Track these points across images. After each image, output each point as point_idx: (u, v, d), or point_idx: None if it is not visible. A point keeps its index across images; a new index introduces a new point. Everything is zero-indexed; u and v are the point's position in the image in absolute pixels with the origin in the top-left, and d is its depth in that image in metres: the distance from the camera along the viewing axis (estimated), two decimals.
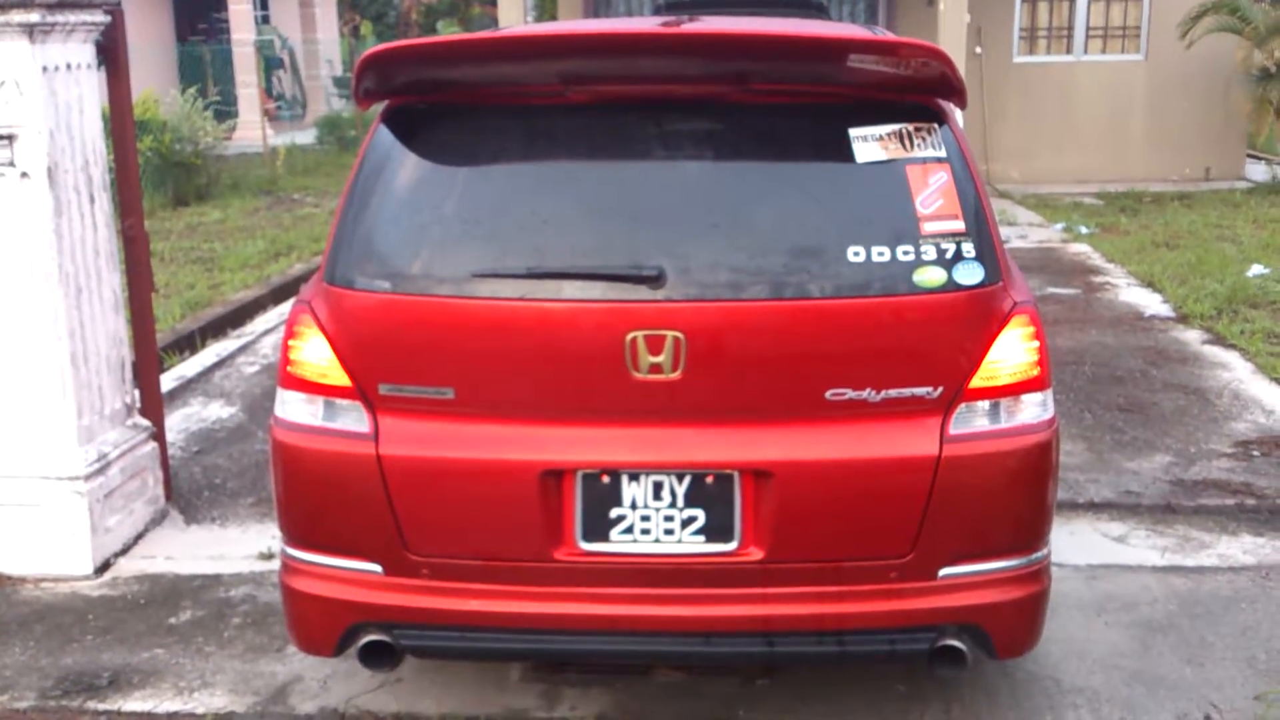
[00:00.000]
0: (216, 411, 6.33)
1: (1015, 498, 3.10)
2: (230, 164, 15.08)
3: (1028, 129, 13.75)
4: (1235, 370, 6.58)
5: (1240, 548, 4.44)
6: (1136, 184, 13.41)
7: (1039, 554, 3.17)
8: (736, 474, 3.00)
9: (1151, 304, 8.13)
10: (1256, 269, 8.75)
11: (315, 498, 3.17)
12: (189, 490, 5.24)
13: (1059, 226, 11.13)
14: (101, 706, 3.60)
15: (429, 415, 3.05)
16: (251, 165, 15.99)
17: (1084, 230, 10.88)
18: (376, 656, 3.21)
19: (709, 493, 3.01)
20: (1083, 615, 3.93)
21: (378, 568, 3.14)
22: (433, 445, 3.05)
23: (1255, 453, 5.35)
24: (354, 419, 3.08)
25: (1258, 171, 14.25)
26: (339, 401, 3.09)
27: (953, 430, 3.01)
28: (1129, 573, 4.25)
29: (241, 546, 4.68)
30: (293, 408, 3.16)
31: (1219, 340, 7.14)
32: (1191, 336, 7.29)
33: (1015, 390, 3.06)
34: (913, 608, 3.08)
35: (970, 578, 3.09)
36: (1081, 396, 6.11)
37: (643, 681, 3.62)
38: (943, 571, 3.07)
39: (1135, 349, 7.03)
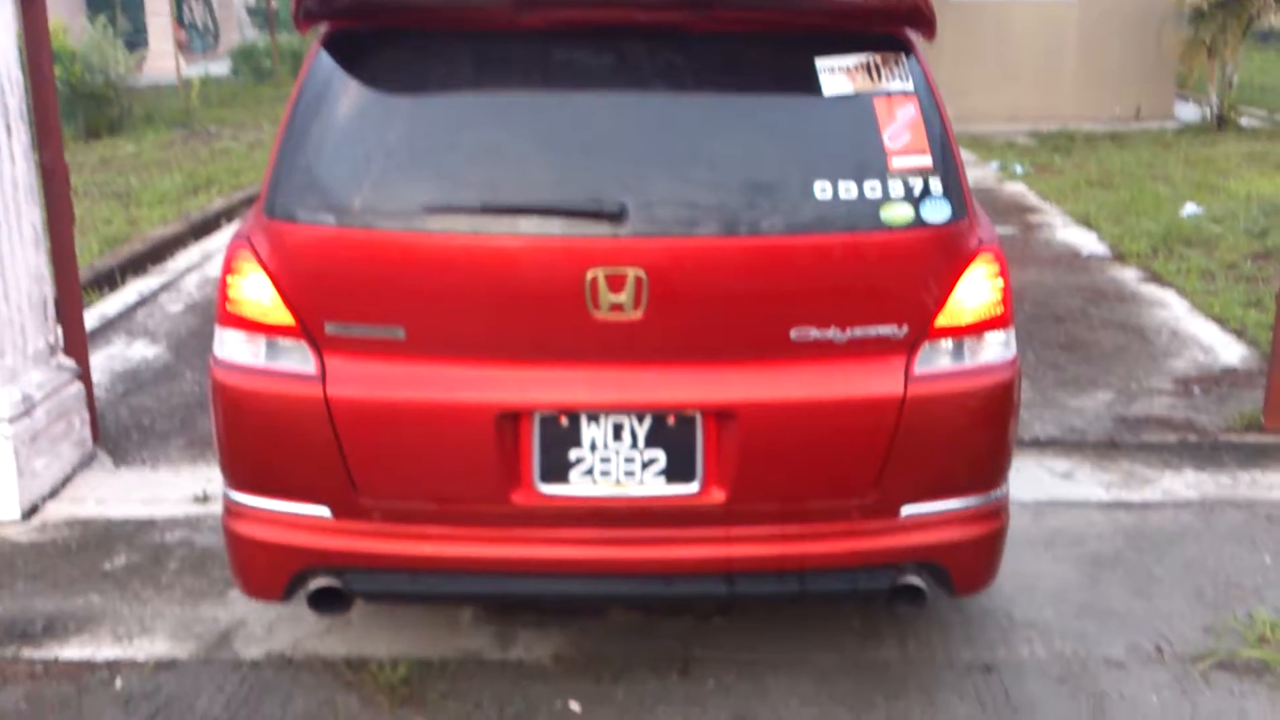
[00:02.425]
0: (142, 351, 6.13)
1: (977, 437, 3.08)
2: (142, 96, 14.61)
3: (962, 68, 13.73)
4: (1172, 308, 6.66)
5: (1183, 483, 4.49)
6: (1069, 122, 13.51)
7: (998, 492, 3.16)
8: (699, 415, 2.94)
9: (1088, 243, 8.20)
10: (1190, 208, 8.86)
11: (258, 441, 3.05)
12: (117, 432, 5.07)
13: (994, 165, 11.17)
14: (37, 655, 3.47)
15: (378, 355, 2.94)
16: (164, 97, 15.51)
17: (1019, 169, 10.93)
18: (326, 601, 3.12)
19: (670, 434, 2.95)
20: (1032, 551, 3.95)
21: (326, 511, 3.04)
22: (383, 387, 2.94)
23: (1195, 390, 5.41)
24: (298, 359, 2.96)
25: (1186, 111, 14.42)
26: (282, 341, 2.97)
27: (917, 370, 2.97)
28: (1076, 509, 4.28)
29: (174, 489, 4.54)
30: (233, 347, 3.03)
31: (1156, 279, 7.22)
32: (1129, 275, 7.36)
33: (979, 329, 3.03)
34: (874, 546, 3.06)
35: (931, 516, 3.07)
36: (1023, 335, 6.13)
37: (597, 622, 3.57)
38: (904, 510, 3.05)
39: (1074, 288, 7.08)
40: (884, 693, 3.23)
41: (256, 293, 2.96)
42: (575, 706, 3.19)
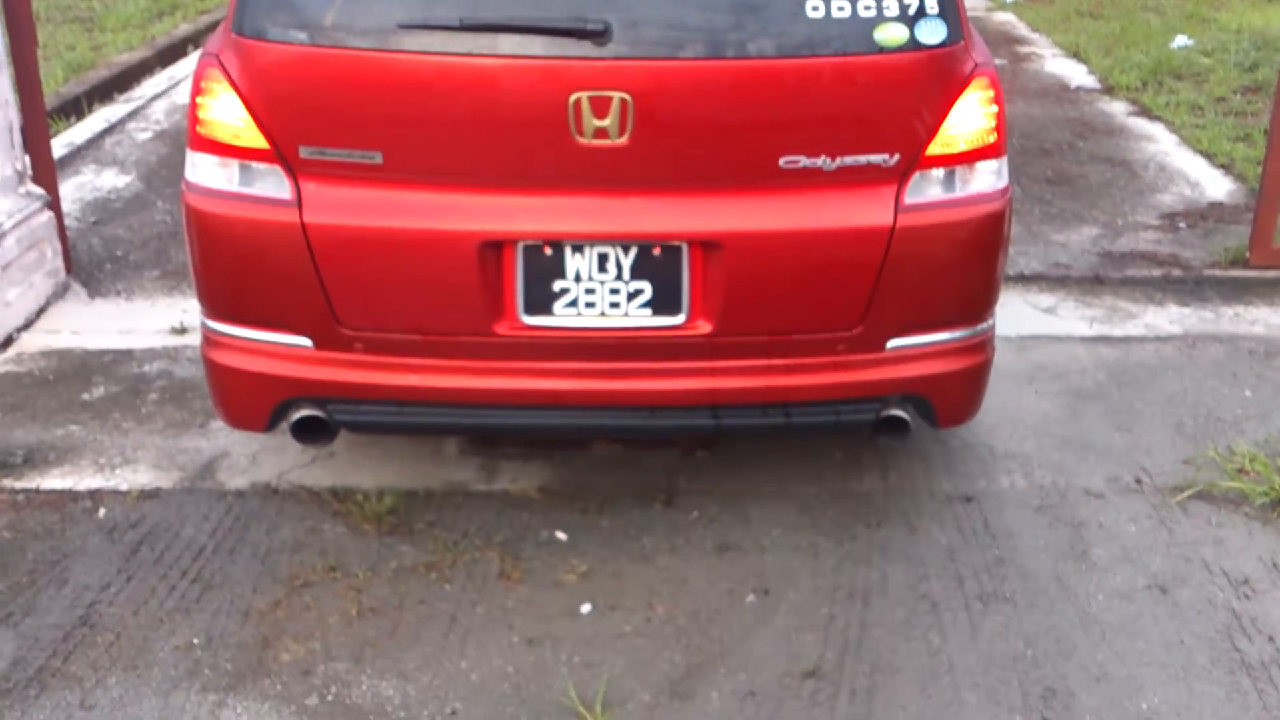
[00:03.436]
0: (111, 180, 5.99)
1: (967, 269, 3.04)
2: None
3: None
4: (1161, 142, 6.57)
5: (1167, 318, 4.49)
6: None
7: (984, 325, 3.14)
8: (685, 245, 2.88)
9: (1077, 75, 8.04)
10: (1180, 40, 8.67)
11: (234, 268, 2.99)
12: (90, 263, 4.98)
13: None
14: (18, 485, 3.46)
15: (356, 181, 2.86)
16: None
17: None
18: (310, 432, 3.11)
19: (656, 264, 2.90)
20: (1014, 385, 3.96)
21: (307, 341, 3.00)
22: (361, 214, 2.87)
23: (1181, 224, 5.38)
24: (273, 184, 2.87)
25: None
26: (256, 165, 2.88)
27: (907, 200, 2.91)
28: (1058, 343, 4.28)
29: (151, 320, 4.48)
30: (205, 171, 2.93)
31: (1144, 112, 7.10)
32: (1117, 108, 7.24)
33: (971, 158, 2.96)
34: (860, 379, 3.04)
35: (917, 349, 3.05)
36: (1010, 169, 5.99)
37: (582, 454, 3.58)
38: (890, 343, 3.03)
39: (1062, 121, 6.97)
40: (866, 522, 3.27)
41: (228, 114, 2.85)
42: (561, 536, 3.22)
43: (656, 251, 2.89)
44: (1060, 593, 2.99)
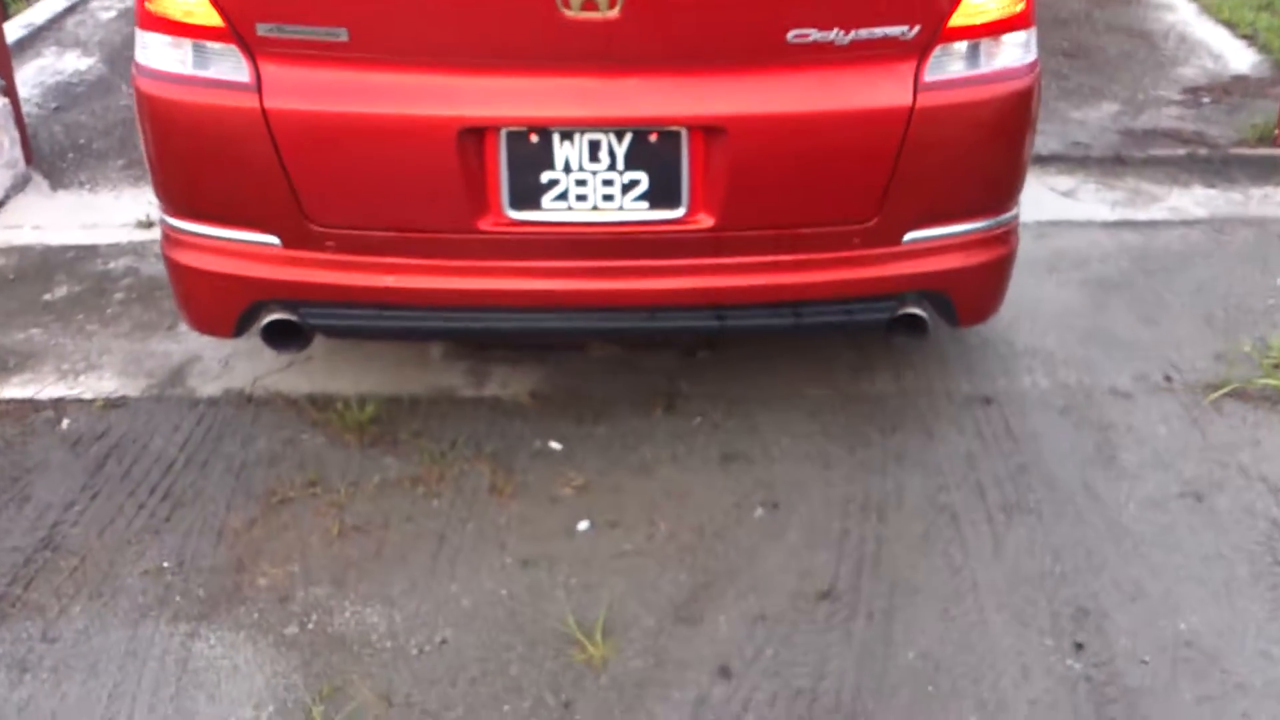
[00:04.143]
0: (74, 63, 5.64)
1: (992, 152, 2.79)
2: None
3: None
4: (1180, 11, 6.21)
5: (1192, 200, 4.23)
6: None
7: (1009, 214, 2.90)
8: (684, 130, 2.62)
9: None
10: None
11: (191, 160, 2.73)
12: (52, 152, 4.68)
13: None
14: None
15: (320, 62, 2.58)
16: None
17: None
18: (282, 336, 2.89)
19: (653, 152, 2.64)
20: (1033, 275, 3.73)
21: (275, 240, 2.76)
22: (327, 98, 2.60)
23: (1205, 99, 5.08)
24: (230, 66, 2.60)
25: None
26: (210, 45, 2.60)
27: (928, 77, 2.64)
28: (1079, 229, 4.03)
29: (116, 214, 4.22)
30: (156, 52, 2.66)
31: None
32: None
33: (997, 29, 2.68)
34: (875, 275, 2.81)
35: (937, 241, 2.82)
36: None
37: (576, 356, 3.36)
38: (908, 236, 2.79)
39: None
40: (879, 427, 3.07)
41: None
42: (556, 446, 3.02)
43: (653, 138, 2.63)
44: (1088, 502, 2.80)
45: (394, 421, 3.11)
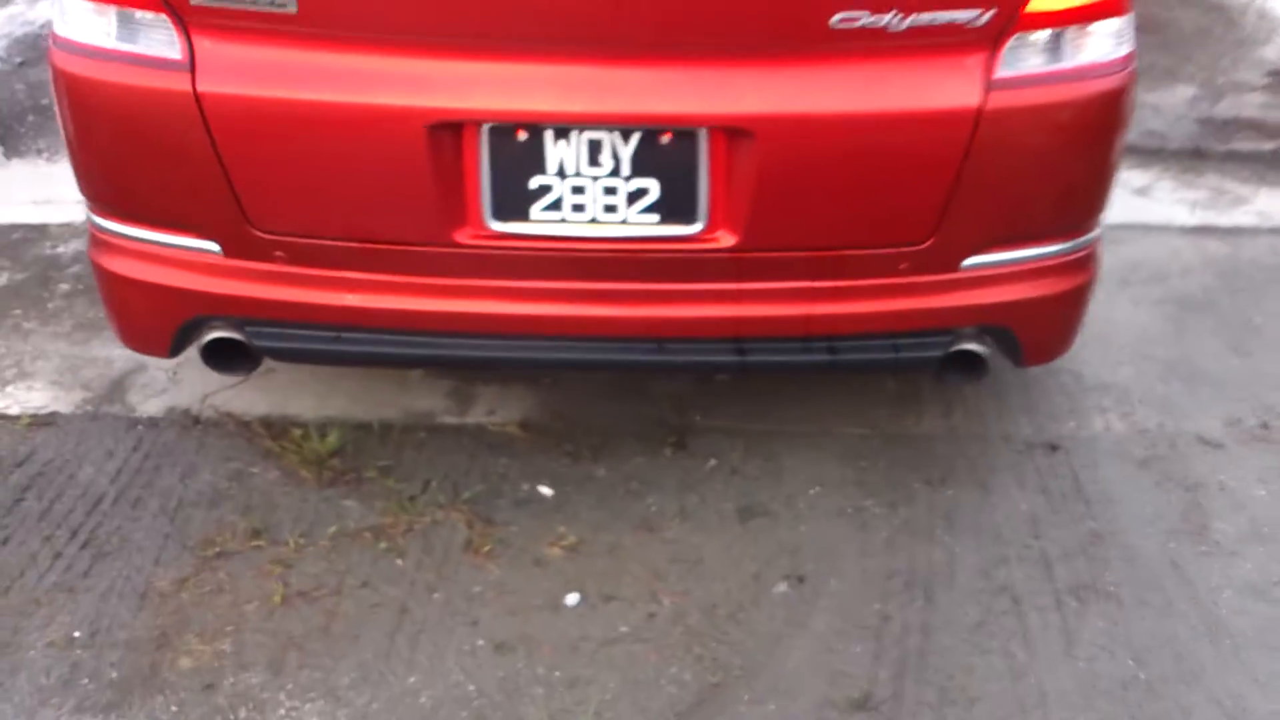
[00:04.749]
0: (47, 11, 5.18)
1: (1074, 164, 2.31)
2: None
3: None
4: None
5: None
6: None
7: (1088, 237, 2.43)
8: (704, 131, 2.16)
9: None
10: None
11: (116, 150, 2.29)
12: (9, 114, 4.25)
13: None
14: None
15: (265, 37, 2.13)
16: None
17: None
18: (226, 357, 2.45)
19: (666, 156, 2.18)
20: (1105, 290, 3.19)
21: (214, 247, 2.33)
22: (271, 82, 2.15)
23: None
24: (161, 41, 2.15)
25: None
26: (138, 14, 2.15)
27: (1000, 72, 2.17)
28: (1156, 234, 3.54)
29: (74, 188, 3.76)
30: (75, 21, 2.22)
31: None
32: None
33: (1086, 16, 2.20)
34: (926, 307, 2.36)
35: (1002, 268, 2.36)
36: None
37: (577, 378, 2.91)
38: (967, 261, 2.33)
39: None
40: (925, 477, 2.62)
41: None
42: (546, 491, 2.58)
43: (666, 139, 2.17)
44: (1177, 585, 2.35)
45: (360, 454, 2.68)
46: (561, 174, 2.20)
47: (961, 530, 2.48)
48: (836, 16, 2.09)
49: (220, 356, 2.45)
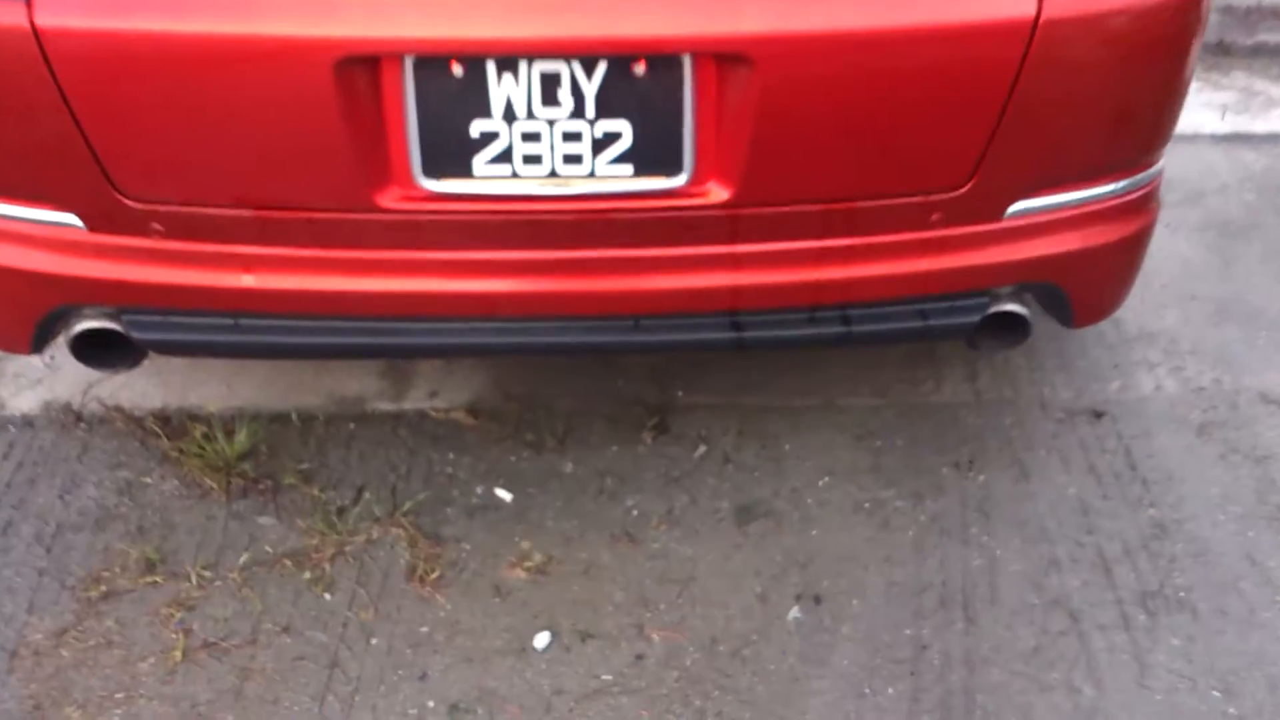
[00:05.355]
0: None
1: (1144, 84, 1.87)
2: None
3: None
4: None
5: None
6: None
7: (1152, 170, 2.00)
8: (688, 58, 1.69)
9: None
10: None
11: None
12: None
13: None
14: None
15: None
16: None
17: None
18: (102, 352, 1.99)
19: (641, 92, 1.72)
20: None
21: (75, 220, 1.85)
22: (132, 9, 1.66)
23: None
24: None
25: None
26: None
27: None
28: (1185, 145, 3.11)
29: None
30: None
31: None
32: None
33: None
34: (963, 265, 1.94)
35: (1052, 214, 1.93)
36: None
37: None
38: (1013, 208, 1.90)
39: None
40: (953, 459, 2.22)
41: None
42: (503, 495, 2.15)
43: (640, 70, 1.71)
44: (1258, 587, 1.97)
45: (276, 455, 2.23)
46: (510, 117, 1.73)
47: (1000, 526, 2.09)
48: None
49: (94, 350, 1.98)
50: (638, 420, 2.29)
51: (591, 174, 1.78)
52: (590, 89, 1.72)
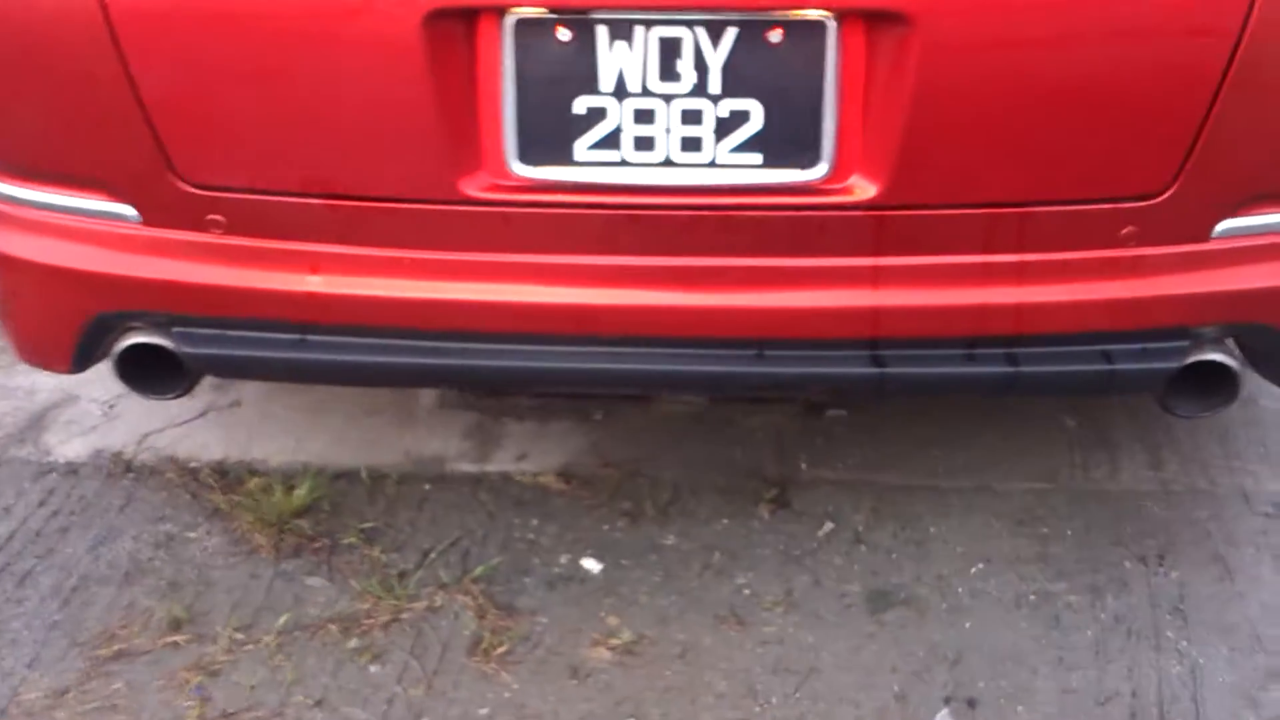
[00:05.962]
0: None
1: None
2: None
3: None
4: None
5: None
6: None
7: None
8: (832, 22, 1.44)
9: None
10: None
11: None
12: None
13: None
14: None
15: None
16: None
17: None
18: (150, 373, 1.74)
19: (774, 63, 1.47)
20: None
21: (129, 211, 1.64)
22: None
23: None
24: None
25: None
26: None
27: None
28: None
29: None
30: None
31: None
32: None
33: None
34: (1158, 294, 1.61)
35: (1271, 236, 1.60)
36: None
37: (636, 409, 2.16)
38: (1223, 225, 1.58)
39: None
40: (1136, 552, 1.83)
41: None
42: (591, 565, 1.82)
43: (774, 36, 1.45)
44: None
45: (338, 513, 1.94)
46: (620, 92, 1.48)
47: (1201, 631, 1.68)
48: None
49: (141, 371, 1.74)
50: (754, 493, 1.96)
51: (712, 163, 1.51)
52: (716, 60, 1.47)
